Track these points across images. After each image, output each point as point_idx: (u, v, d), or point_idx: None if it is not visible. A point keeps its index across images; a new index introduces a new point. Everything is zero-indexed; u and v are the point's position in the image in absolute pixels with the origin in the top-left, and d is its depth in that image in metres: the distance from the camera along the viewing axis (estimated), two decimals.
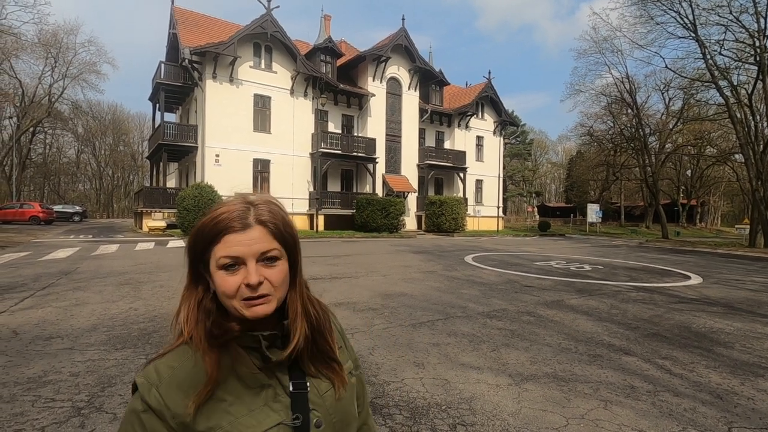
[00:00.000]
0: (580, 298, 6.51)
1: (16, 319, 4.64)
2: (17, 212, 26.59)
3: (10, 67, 32.89)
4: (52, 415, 2.54)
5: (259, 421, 0.71)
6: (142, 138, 57.20)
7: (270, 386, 0.75)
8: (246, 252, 0.71)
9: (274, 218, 0.75)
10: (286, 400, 0.75)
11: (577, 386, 3.10)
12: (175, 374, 0.72)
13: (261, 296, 0.71)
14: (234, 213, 0.73)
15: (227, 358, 0.73)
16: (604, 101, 32.12)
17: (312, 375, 0.80)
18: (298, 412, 0.75)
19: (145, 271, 8.36)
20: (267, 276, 0.72)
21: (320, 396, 0.79)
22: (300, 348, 0.77)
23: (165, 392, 0.70)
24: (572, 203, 52.50)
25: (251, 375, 0.73)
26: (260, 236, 0.72)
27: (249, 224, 0.72)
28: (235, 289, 0.70)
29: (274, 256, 0.73)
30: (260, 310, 0.71)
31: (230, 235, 0.71)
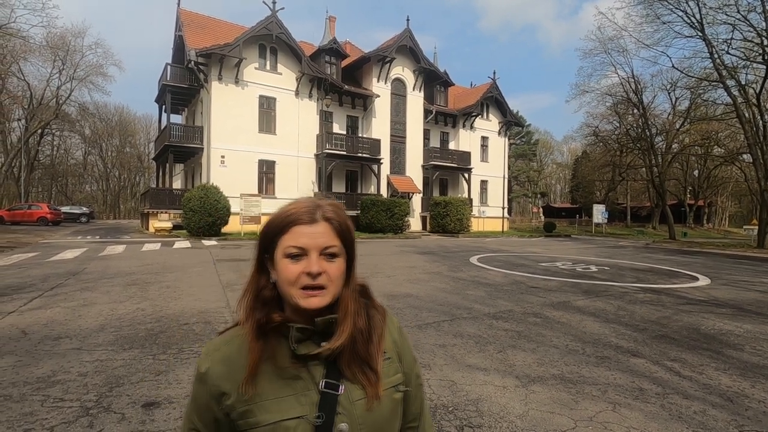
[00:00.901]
0: (586, 300, 6.47)
1: (25, 319, 4.68)
2: (25, 213, 26.88)
3: (19, 70, 33.25)
4: (61, 415, 2.55)
5: (283, 409, 0.76)
6: (149, 139, 57.60)
7: (302, 379, 0.78)
8: (311, 244, 0.78)
9: (338, 218, 0.82)
10: (315, 396, 0.77)
11: (585, 388, 3.07)
12: (224, 350, 0.82)
13: (318, 287, 0.77)
14: (303, 208, 0.81)
15: (268, 346, 0.79)
16: (610, 101, 31.91)
17: (349, 379, 0.80)
18: (323, 411, 0.76)
19: (151, 271, 8.41)
20: (326, 269, 0.78)
21: (351, 402, 0.79)
22: (340, 347, 0.79)
23: (212, 364, 0.80)
24: (578, 204, 52.24)
25: (286, 365, 0.79)
26: (325, 231, 0.79)
27: (316, 219, 0.80)
28: (296, 276, 0.77)
29: (334, 253, 0.79)
30: (315, 302, 0.77)
31: (298, 226, 0.79)
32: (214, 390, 0.78)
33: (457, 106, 31.09)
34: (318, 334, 0.80)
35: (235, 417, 0.77)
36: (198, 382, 0.81)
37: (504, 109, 32.65)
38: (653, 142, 30.43)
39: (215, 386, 0.78)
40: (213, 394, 0.79)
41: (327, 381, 0.79)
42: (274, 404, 0.76)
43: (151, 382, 3.06)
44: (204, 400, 0.80)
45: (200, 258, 10.86)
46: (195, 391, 0.82)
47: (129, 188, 61.83)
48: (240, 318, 0.83)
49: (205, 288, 6.73)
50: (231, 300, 5.87)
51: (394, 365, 0.87)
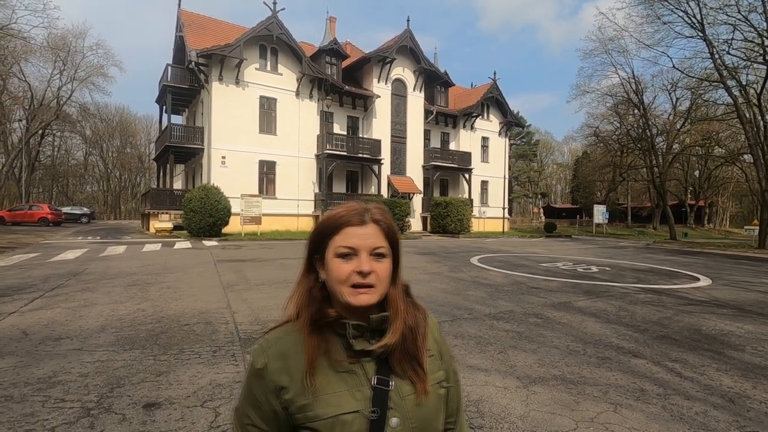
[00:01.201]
0: (587, 300, 6.46)
1: (26, 320, 4.69)
2: (26, 214, 26.91)
3: (20, 71, 33.29)
4: (62, 416, 2.55)
5: (340, 404, 0.79)
6: (149, 140, 57.64)
7: (355, 374, 0.82)
8: (361, 244, 0.82)
9: (386, 220, 0.86)
10: (367, 391, 0.81)
11: (586, 389, 3.07)
12: (280, 345, 0.85)
13: (368, 285, 0.80)
14: (354, 211, 0.85)
15: (323, 341, 0.83)
16: (611, 102, 31.90)
17: (398, 375, 0.83)
18: (377, 406, 0.80)
19: (152, 272, 8.42)
20: (375, 269, 0.81)
21: (401, 398, 0.82)
22: (393, 344, 0.82)
23: (269, 360, 0.83)
24: (578, 204, 52.21)
25: (340, 360, 0.82)
26: (374, 233, 0.83)
27: (366, 221, 0.84)
28: (347, 274, 0.80)
29: (382, 253, 0.83)
30: (364, 299, 0.80)
31: (350, 228, 0.83)
32: (272, 385, 0.82)
33: (458, 106, 31.09)
34: (370, 332, 0.84)
35: (293, 411, 0.80)
36: (255, 377, 0.84)
37: (504, 110, 32.64)
38: (654, 142, 30.42)
39: (273, 381, 0.82)
40: (271, 389, 0.82)
41: (379, 377, 0.82)
42: (332, 398, 0.79)
43: (152, 382, 3.06)
44: (262, 395, 0.83)
45: (201, 258, 10.86)
46: (251, 387, 0.84)
47: (130, 189, 61.89)
48: (290, 314, 0.88)
49: (205, 289, 6.73)
50: (232, 300, 5.87)
51: (436, 362, 0.90)
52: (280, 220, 22.02)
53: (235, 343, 4.03)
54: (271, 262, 10.26)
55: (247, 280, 7.64)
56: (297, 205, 23.07)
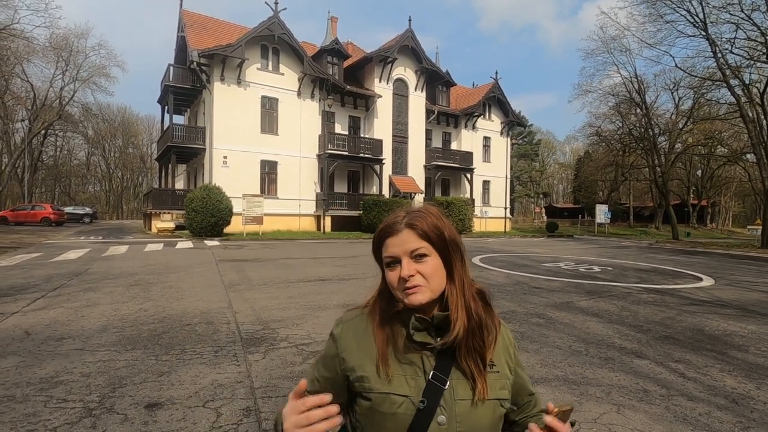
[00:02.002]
0: (589, 300, 6.44)
1: (28, 320, 4.70)
2: (29, 214, 26.99)
3: (22, 71, 33.37)
4: (64, 416, 2.55)
5: (393, 385, 0.85)
6: (151, 140, 57.76)
7: (414, 364, 0.87)
8: (399, 251, 0.87)
9: (421, 221, 0.88)
10: (422, 382, 0.85)
11: (589, 389, 3.06)
12: (355, 323, 0.95)
13: (414, 286, 0.85)
14: (390, 221, 0.91)
15: (392, 331, 0.90)
16: (613, 101, 31.82)
17: (462, 371, 0.87)
18: (426, 398, 0.83)
19: (154, 272, 8.43)
20: (419, 270, 0.86)
21: (454, 399, 0.84)
22: (458, 338, 0.85)
23: (344, 330, 0.94)
24: (580, 204, 52.09)
25: (403, 348, 0.88)
26: (409, 238, 0.87)
27: (399, 229, 0.88)
28: (396, 281, 0.87)
29: (422, 254, 0.86)
30: (414, 299, 0.85)
31: (388, 239, 0.89)
32: (341, 351, 0.92)
33: (459, 106, 31.06)
34: (435, 328, 0.88)
35: (353, 379, 0.89)
36: (331, 340, 0.95)
37: (506, 109, 32.60)
38: (656, 141, 30.33)
39: (342, 349, 0.92)
40: (339, 354, 0.92)
41: (435, 373, 0.85)
42: (386, 378, 0.85)
43: (154, 383, 3.06)
44: (330, 357, 0.93)
45: (203, 258, 10.87)
46: (327, 346, 0.96)
47: (132, 189, 62.04)
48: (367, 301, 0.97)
49: (207, 288, 6.74)
50: (234, 300, 5.87)
51: (501, 380, 0.91)
52: (282, 219, 22.04)
53: (236, 343, 4.02)
54: (273, 262, 10.26)
55: (249, 280, 7.64)
56: (299, 205, 23.08)
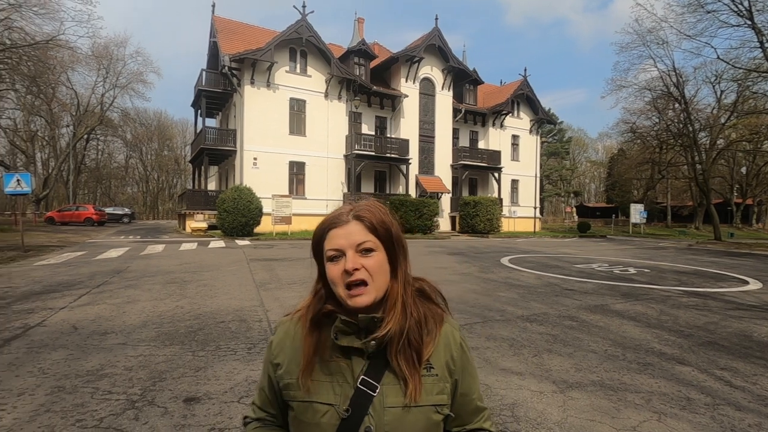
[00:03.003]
0: (625, 303, 6.22)
1: (75, 315, 4.96)
2: (74, 214, 28.51)
3: (67, 79, 35.25)
4: (109, 407, 2.68)
5: (319, 393, 0.82)
6: (185, 143, 59.79)
7: (340, 370, 0.83)
8: (345, 243, 0.82)
9: (370, 215, 0.85)
10: (349, 390, 0.81)
11: (627, 396, 2.95)
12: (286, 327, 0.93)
13: (359, 282, 0.80)
14: (336, 213, 0.88)
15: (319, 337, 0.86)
16: (649, 96, 30.49)
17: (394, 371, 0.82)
18: (353, 407, 0.79)
19: (189, 270, 8.72)
20: (364, 264, 0.81)
21: (383, 406, 0.80)
22: (389, 333, 0.81)
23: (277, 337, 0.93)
24: (614, 203, 50.32)
25: (330, 352, 0.85)
26: (356, 230, 0.83)
27: (347, 220, 0.85)
28: (338, 276, 0.81)
29: (369, 248, 0.83)
30: (359, 300, 0.81)
31: (333, 230, 0.85)
32: (273, 358, 0.91)
33: (487, 104, 30.61)
34: (363, 331, 0.83)
35: (282, 386, 0.88)
36: (268, 348, 0.95)
37: (535, 107, 31.89)
38: (696, 137, 28.89)
39: (273, 355, 0.91)
40: (272, 361, 0.91)
41: (364, 378, 0.81)
42: (313, 386, 0.82)
43: (191, 377, 3.17)
44: (267, 364, 0.93)
45: (234, 257, 11.17)
46: (266, 355, 0.95)
47: (167, 190, 64.43)
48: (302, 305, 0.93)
49: (239, 287, 6.91)
50: (265, 299, 6.00)
51: (440, 384, 0.85)
52: (310, 219, 22.35)
53: (268, 340, 4.11)
54: (302, 262, 10.42)
55: (279, 279, 7.79)
56: (326, 205, 23.34)
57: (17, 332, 4.25)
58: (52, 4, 22.63)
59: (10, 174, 12.40)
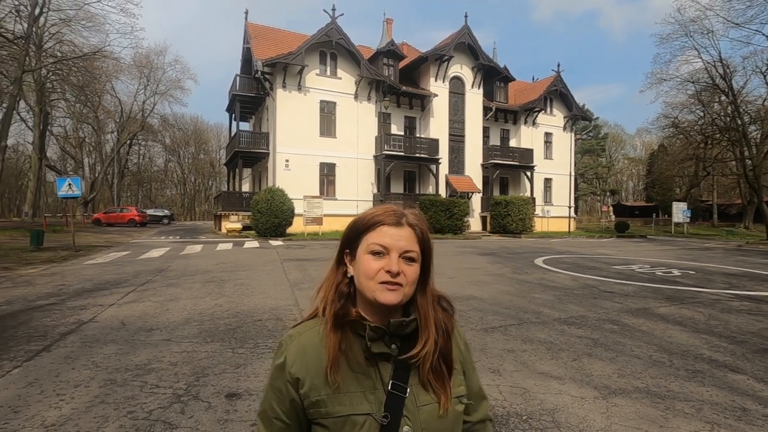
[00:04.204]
0: (670, 307, 5.93)
1: (123, 312, 5.22)
2: (118, 216, 30.06)
3: (112, 88, 37.24)
4: (157, 400, 2.81)
5: (353, 404, 0.79)
6: (220, 146, 61.80)
7: (370, 377, 0.82)
8: (393, 244, 0.82)
9: (421, 225, 0.86)
10: (381, 395, 0.80)
11: (676, 404, 2.82)
12: (301, 340, 0.86)
13: (396, 283, 0.80)
14: (390, 212, 0.86)
15: (344, 339, 0.83)
16: (692, 89, 28.96)
17: (422, 383, 0.83)
18: (389, 412, 0.79)
19: (226, 269, 9.01)
20: (404, 271, 0.82)
21: (416, 406, 0.82)
22: (428, 352, 0.82)
23: (289, 354, 0.85)
24: (654, 202, 48.12)
25: (357, 361, 0.82)
26: (407, 236, 0.84)
27: (402, 223, 0.85)
28: (375, 271, 0.81)
29: (412, 257, 0.83)
30: (391, 296, 0.80)
31: (385, 227, 0.84)
32: (291, 378, 0.82)
33: (518, 101, 29.98)
34: (390, 335, 0.83)
35: (307, 405, 0.81)
36: (276, 371, 0.85)
37: (569, 103, 30.96)
38: (746, 131, 27.17)
39: (291, 374, 0.82)
40: (291, 381, 0.82)
41: (394, 382, 0.81)
42: (345, 398, 0.80)
43: (232, 374, 3.27)
44: (283, 386, 0.83)
45: (268, 257, 11.44)
46: (274, 379, 0.85)
47: (203, 192, 66.79)
48: (317, 309, 0.88)
49: (274, 286, 7.08)
50: (299, 298, 6.12)
51: (458, 376, 0.90)
52: (340, 220, 22.57)
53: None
54: None
55: (312, 279, 7.92)
56: (356, 206, 23.52)
57: (72, 327, 4.53)
58: (98, 18, 23.95)
59: (62, 178, 13.22)
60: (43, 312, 5.21)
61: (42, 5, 21.55)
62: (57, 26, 24.58)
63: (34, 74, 24.56)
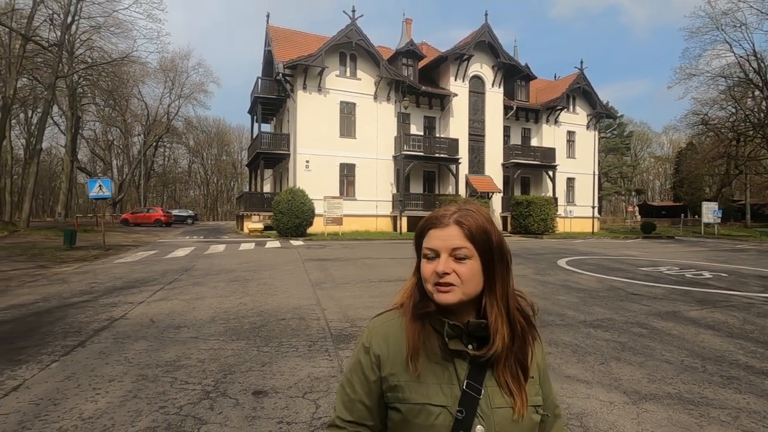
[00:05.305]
0: (701, 310, 5.74)
1: (152, 309, 5.38)
2: (145, 216, 31.00)
3: (138, 92, 38.38)
4: (187, 396, 2.89)
5: (429, 395, 0.82)
6: (241, 147, 62.99)
7: (447, 372, 0.84)
8: (441, 246, 0.84)
9: (470, 221, 0.85)
10: (457, 391, 0.82)
11: (711, 411, 2.72)
12: (384, 327, 0.91)
13: (447, 284, 0.82)
14: (440, 213, 0.88)
15: (423, 333, 0.86)
16: (724, 84, 28.02)
17: (498, 383, 0.84)
18: (463, 408, 0.80)
19: (249, 269, 9.17)
20: (456, 270, 0.82)
21: (490, 408, 0.82)
22: (497, 351, 0.82)
23: (375, 337, 0.90)
24: (682, 201, 46.60)
25: (435, 353, 0.85)
26: (454, 234, 0.84)
27: (447, 223, 0.85)
28: (429, 274, 0.84)
29: (464, 255, 0.83)
30: (444, 297, 0.82)
31: (433, 230, 0.86)
32: (376, 360, 0.87)
33: (540, 100, 29.48)
34: (467, 335, 0.85)
35: (386, 389, 0.85)
36: (362, 351, 0.90)
37: (593, 101, 30.26)
38: None
39: (376, 356, 0.87)
40: (375, 363, 0.87)
41: (469, 382, 0.82)
42: (423, 387, 0.82)
43: (258, 372, 3.33)
44: (368, 366, 0.88)
45: (290, 257, 11.58)
46: (359, 358, 0.90)
47: (225, 192, 68.18)
48: (396, 302, 0.93)
49: (296, 286, 7.17)
50: (321, 298, 6.18)
51: (535, 387, 0.89)
52: (360, 220, 22.68)
53: (327, 339, 4.23)
54: (354, 262, 10.60)
55: (333, 278, 7.98)
56: (376, 206, 23.58)
57: (104, 324, 4.69)
58: (126, 24, 24.75)
59: (93, 180, 13.72)
60: (77, 309, 5.42)
61: (74, 13, 22.41)
62: (87, 33, 25.52)
63: (67, 80, 25.56)
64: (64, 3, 21.50)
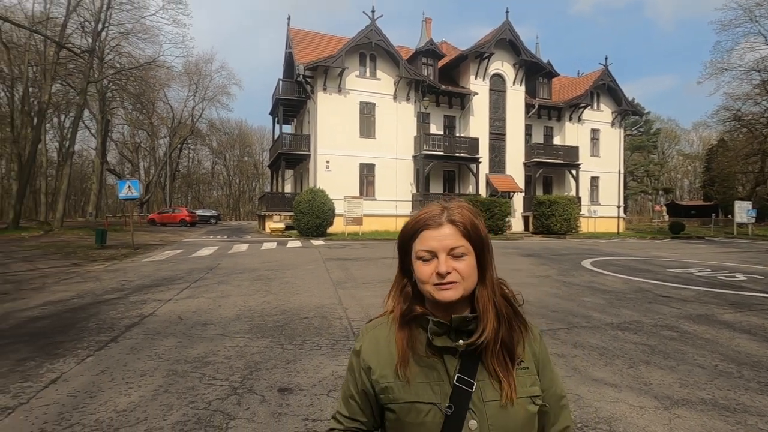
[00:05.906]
0: (736, 314, 5.52)
1: (180, 307, 5.53)
2: (171, 216, 31.87)
3: (164, 95, 39.48)
4: (215, 392, 2.96)
5: (418, 393, 0.83)
6: (263, 149, 63.96)
7: (436, 370, 0.85)
8: (438, 246, 0.84)
9: (464, 219, 0.86)
10: (447, 388, 0.83)
11: (748, 419, 2.62)
12: (374, 333, 0.94)
13: (450, 282, 0.83)
14: (430, 213, 0.88)
15: (411, 335, 0.88)
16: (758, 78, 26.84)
17: (488, 372, 0.84)
18: (454, 403, 0.81)
19: (271, 268, 9.31)
20: (455, 267, 0.83)
21: (482, 401, 0.83)
22: (486, 339, 0.83)
23: (364, 343, 0.93)
24: (713, 201, 44.90)
25: (423, 353, 0.86)
26: (451, 233, 0.85)
27: (441, 223, 0.86)
28: (428, 276, 0.84)
29: (462, 252, 0.84)
30: (447, 294, 0.83)
31: (426, 231, 0.86)
32: (364, 364, 0.90)
33: (563, 97, 28.90)
34: (454, 331, 0.85)
35: (378, 391, 0.88)
36: (354, 356, 0.94)
37: (618, 98, 29.48)
38: None
39: (365, 361, 0.90)
40: (364, 367, 0.90)
41: (460, 376, 0.83)
42: (412, 387, 0.84)
43: (283, 369, 3.39)
44: (358, 371, 0.92)
45: (311, 257, 11.71)
46: (351, 363, 0.95)
47: (247, 193, 69.37)
48: (388, 308, 0.95)
49: (318, 285, 7.24)
50: (342, 297, 6.22)
51: (531, 376, 0.88)
52: (380, 220, 22.73)
53: (350, 337, 4.26)
54: (374, 261, 10.64)
55: (354, 278, 8.03)
56: (395, 206, 23.59)
57: (135, 320, 4.85)
58: (153, 30, 25.50)
59: (123, 181, 14.20)
60: (110, 305, 5.62)
61: (104, 21, 23.22)
62: (116, 39, 26.38)
63: (97, 85, 26.48)
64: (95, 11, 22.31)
